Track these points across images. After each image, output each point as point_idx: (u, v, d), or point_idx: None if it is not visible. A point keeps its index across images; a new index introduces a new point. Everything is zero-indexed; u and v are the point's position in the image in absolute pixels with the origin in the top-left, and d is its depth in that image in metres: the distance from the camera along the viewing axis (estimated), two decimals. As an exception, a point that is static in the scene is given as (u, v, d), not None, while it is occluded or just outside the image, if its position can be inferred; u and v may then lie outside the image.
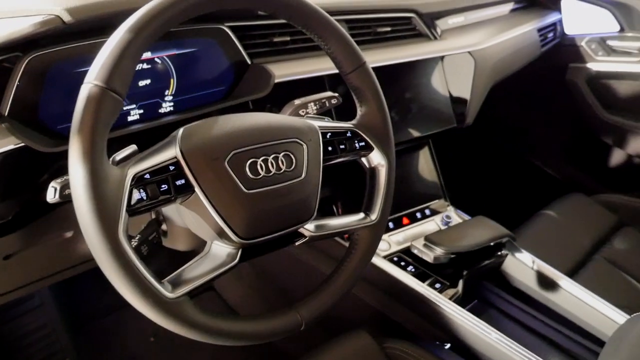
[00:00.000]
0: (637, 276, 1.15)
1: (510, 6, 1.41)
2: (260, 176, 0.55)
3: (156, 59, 0.73)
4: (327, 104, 0.74)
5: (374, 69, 0.67)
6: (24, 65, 0.58)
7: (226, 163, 0.53)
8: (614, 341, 0.78)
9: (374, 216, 0.67)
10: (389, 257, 1.01)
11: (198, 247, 0.63)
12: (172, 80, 0.75)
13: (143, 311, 0.47)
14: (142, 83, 0.72)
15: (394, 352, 0.86)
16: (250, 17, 0.85)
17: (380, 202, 0.67)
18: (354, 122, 0.67)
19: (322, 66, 0.88)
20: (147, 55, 0.71)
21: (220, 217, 0.53)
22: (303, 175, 0.58)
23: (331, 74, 0.89)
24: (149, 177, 0.49)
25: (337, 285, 0.63)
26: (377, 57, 0.98)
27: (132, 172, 0.48)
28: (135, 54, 0.48)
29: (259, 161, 0.55)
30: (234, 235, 0.54)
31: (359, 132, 0.66)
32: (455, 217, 1.12)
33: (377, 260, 0.97)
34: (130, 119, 0.71)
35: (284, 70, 0.85)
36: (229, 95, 0.83)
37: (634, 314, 0.82)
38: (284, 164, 0.57)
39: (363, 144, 0.67)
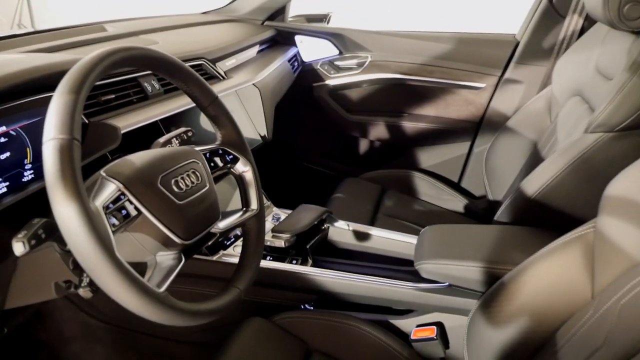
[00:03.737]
0: (409, 219, 1.61)
1: (258, 48, 1.75)
2: (184, 190, 0.71)
3: (11, 132, 0.79)
4: (186, 137, 0.92)
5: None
6: None
7: (159, 185, 0.68)
8: (417, 246, 1.16)
9: (254, 207, 0.88)
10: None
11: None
12: (28, 149, 0.81)
13: (148, 308, 0.58)
14: (2, 157, 0.77)
15: (283, 322, 1.07)
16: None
17: (255, 196, 0.89)
18: (218, 142, 0.87)
19: (158, 111, 1.04)
20: (2, 129, 0.77)
21: (166, 228, 0.67)
22: (208, 186, 0.76)
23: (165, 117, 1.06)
24: (111, 206, 0.61)
25: (251, 259, 0.83)
26: (189, 100, 1.18)
27: (99, 204, 0.60)
28: (81, 108, 0.59)
29: (179, 179, 0.71)
30: (178, 239, 0.68)
31: (226, 149, 0.87)
32: (281, 213, 1.39)
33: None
34: None
35: (127, 121, 0.98)
36: (84, 154, 0.92)
37: (421, 230, 1.21)
38: (194, 179, 0.74)
39: (231, 157, 0.87)
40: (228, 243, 1.20)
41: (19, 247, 0.57)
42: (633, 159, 0.80)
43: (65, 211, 0.54)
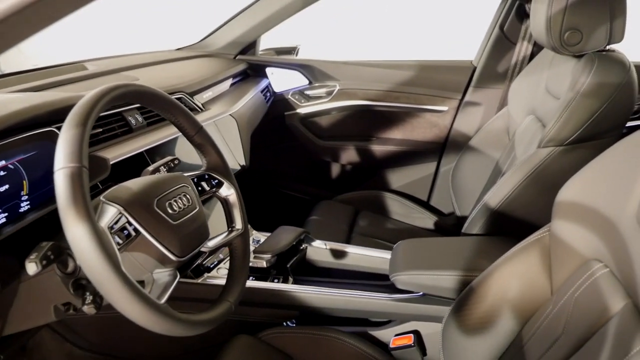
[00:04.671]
0: (382, 237, 1.69)
1: (231, 81, 1.83)
2: (177, 211, 0.77)
3: (9, 165, 0.84)
4: (172, 165, 0.98)
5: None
6: None
7: (155, 207, 0.74)
8: (391, 259, 1.23)
9: (239, 226, 0.94)
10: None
11: None
12: (24, 182, 0.86)
13: (151, 319, 0.63)
14: (1, 189, 0.82)
15: (269, 338, 1.12)
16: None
17: (240, 216, 0.95)
18: (204, 168, 0.94)
19: (143, 143, 1.10)
20: (2, 163, 0.82)
21: (162, 246, 0.73)
22: (198, 207, 0.82)
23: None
24: (115, 227, 0.67)
25: (239, 274, 0.89)
26: (170, 132, 1.24)
27: (105, 225, 0.65)
28: (87, 139, 0.65)
29: (172, 202, 0.77)
30: (174, 256, 0.74)
31: (212, 174, 0.93)
32: (261, 236, 1.44)
33: (223, 281, 1.20)
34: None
35: (114, 153, 1.03)
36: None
37: (394, 245, 1.29)
38: (185, 201, 0.80)
39: (216, 181, 0.94)
40: (212, 266, 1.25)
41: (31, 267, 0.62)
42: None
43: (77, 231, 0.59)
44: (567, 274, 0.86)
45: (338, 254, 1.38)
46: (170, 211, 0.75)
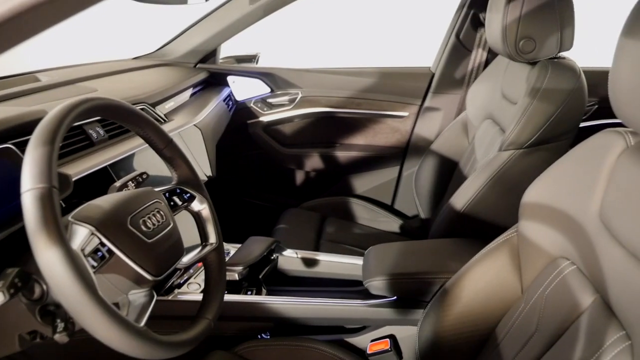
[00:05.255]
0: (350, 242, 1.70)
1: (192, 90, 1.80)
2: (151, 229, 0.75)
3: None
4: (141, 179, 0.95)
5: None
6: None
7: (129, 225, 0.71)
8: (364, 265, 1.24)
9: (213, 240, 0.93)
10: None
11: None
12: None
13: (131, 343, 0.61)
14: None
15: (244, 352, 1.10)
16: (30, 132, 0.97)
17: (213, 230, 0.93)
18: (175, 182, 0.92)
19: (107, 157, 1.07)
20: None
21: (138, 266, 0.70)
22: (172, 223, 0.80)
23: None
24: (88, 250, 0.64)
25: (216, 289, 0.87)
26: (134, 144, 1.21)
27: (77, 248, 0.63)
28: (56, 157, 0.62)
29: (146, 219, 0.75)
30: (150, 276, 0.72)
31: (183, 187, 0.91)
32: (231, 247, 1.42)
33: (196, 297, 1.18)
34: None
35: (76, 169, 1.00)
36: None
37: (365, 251, 1.30)
38: (159, 217, 0.78)
39: (188, 195, 0.92)
40: (182, 282, 1.22)
41: None
42: (541, 170, 0.94)
43: (50, 256, 0.56)
44: (536, 273, 0.89)
45: (310, 262, 1.38)
46: (144, 229, 0.73)
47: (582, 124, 1.31)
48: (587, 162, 0.81)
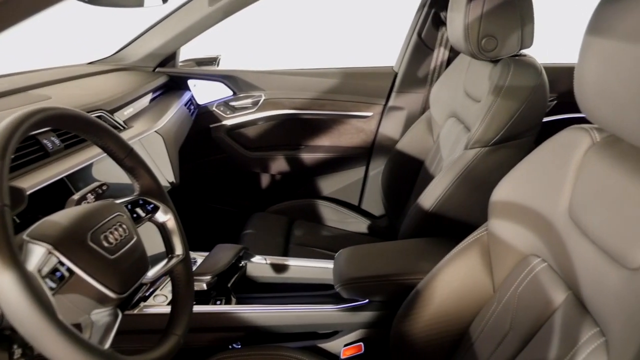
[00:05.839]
0: (319, 245, 1.68)
1: (151, 95, 1.74)
2: (114, 244, 0.71)
3: None
4: (101, 191, 0.91)
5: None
6: None
7: (90, 242, 0.67)
8: (334, 269, 1.22)
9: (179, 252, 0.89)
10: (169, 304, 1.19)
11: None
12: None
13: None
14: None
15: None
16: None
17: (179, 241, 0.90)
18: (137, 193, 0.88)
19: (63, 168, 1.01)
20: None
21: (101, 284, 0.66)
22: (135, 237, 0.76)
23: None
24: (46, 270, 0.60)
25: (184, 303, 0.83)
26: (92, 153, 1.15)
27: (34, 269, 0.58)
28: (6, 173, 0.58)
29: (107, 234, 0.71)
30: (114, 294, 0.68)
31: (146, 198, 0.87)
32: (197, 256, 1.38)
33: (163, 309, 1.14)
34: None
35: (30, 182, 0.94)
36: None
37: (335, 254, 1.29)
38: (122, 232, 0.74)
39: (152, 206, 0.88)
40: (147, 294, 1.18)
41: None
42: (507, 167, 0.94)
43: (3, 280, 0.52)
44: (507, 271, 0.90)
45: (279, 268, 1.35)
46: (106, 245, 0.69)
47: (544, 119, 1.33)
48: (555, 160, 0.81)
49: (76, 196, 0.85)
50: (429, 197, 1.32)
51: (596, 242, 0.68)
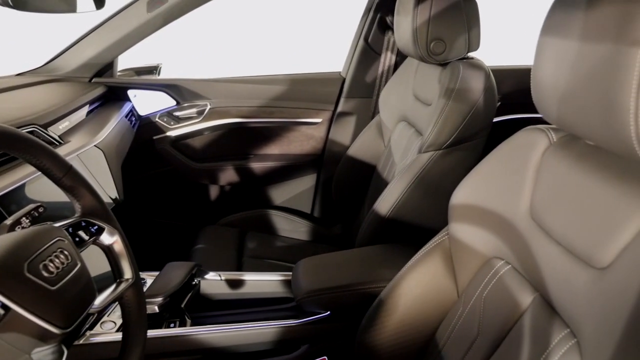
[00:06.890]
0: (274, 257, 1.64)
1: (88, 107, 1.64)
2: (55, 273, 0.64)
3: None
4: (37, 214, 0.82)
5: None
6: None
7: (27, 273, 0.60)
8: (293, 282, 1.19)
9: (128, 276, 0.82)
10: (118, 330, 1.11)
11: None
12: None
13: None
14: None
15: None
16: None
17: (128, 264, 0.83)
18: (78, 214, 0.80)
19: None
20: None
21: (42, 320, 0.59)
22: (79, 263, 0.69)
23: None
24: None
25: (136, 331, 0.77)
26: (25, 172, 1.06)
27: None
28: None
29: (47, 262, 0.64)
30: (57, 329, 0.61)
31: (89, 219, 0.80)
32: (147, 277, 1.30)
33: (112, 337, 1.06)
34: None
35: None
36: None
37: (293, 266, 1.25)
38: (63, 259, 0.67)
39: (96, 228, 0.80)
40: (93, 321, 1.09)
41: None
42: (462, 169, 0.94)
43: None
44: (470, 275, 0.89)
45: (235, 284, 1.29)
46: (46, 275, 0.62)
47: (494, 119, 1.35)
48: (513, 161, 0.81)
49: (9, 221, 0.77)
50: (385, 203, 1.31)
51: (561, 243, 0.68)
